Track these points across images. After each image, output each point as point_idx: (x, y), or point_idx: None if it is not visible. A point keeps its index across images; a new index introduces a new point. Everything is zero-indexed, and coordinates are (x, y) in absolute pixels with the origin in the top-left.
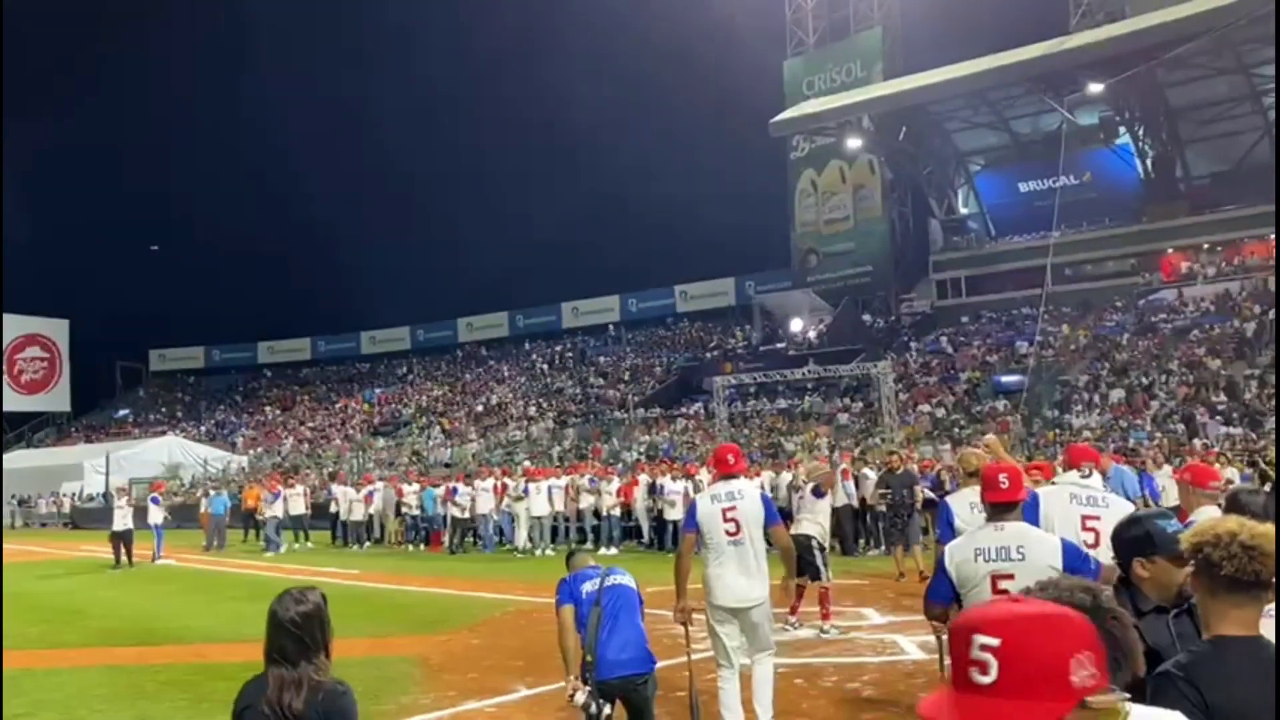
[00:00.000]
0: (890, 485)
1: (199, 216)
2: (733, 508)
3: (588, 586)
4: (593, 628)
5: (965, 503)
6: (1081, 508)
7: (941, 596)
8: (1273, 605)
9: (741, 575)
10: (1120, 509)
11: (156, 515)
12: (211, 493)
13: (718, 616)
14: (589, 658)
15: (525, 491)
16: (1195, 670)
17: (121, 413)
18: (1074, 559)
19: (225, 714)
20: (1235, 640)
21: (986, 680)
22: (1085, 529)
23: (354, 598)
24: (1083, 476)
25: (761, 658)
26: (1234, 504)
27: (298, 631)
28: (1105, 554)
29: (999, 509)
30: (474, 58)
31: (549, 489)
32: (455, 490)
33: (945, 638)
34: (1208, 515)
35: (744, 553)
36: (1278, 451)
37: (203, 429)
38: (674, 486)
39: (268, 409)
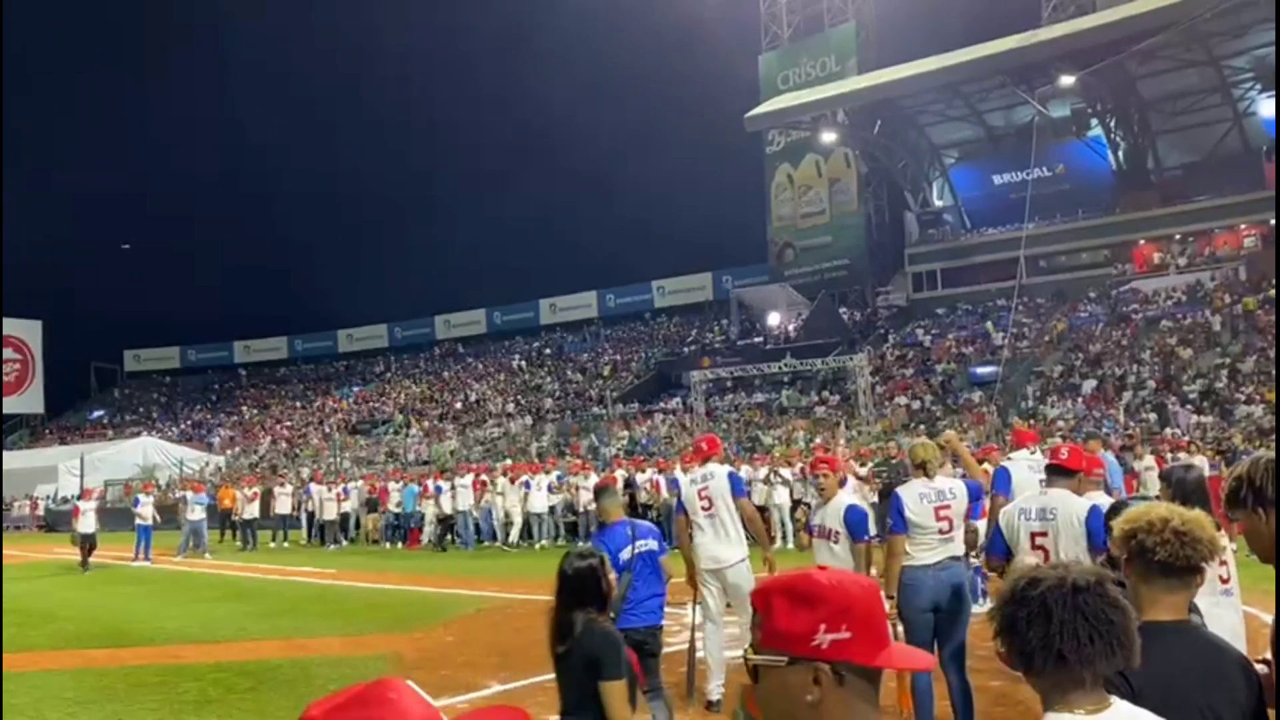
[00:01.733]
0: (888, 472)
1: (172, 215)
2: (705, 487)
3: (624, 554)
4: (622, 591)
5: (915, 493)
6: (1035, 473)
7: (998, 551)
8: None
9: (716, 542)
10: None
11: (146, 516)
12: (189, 494)
13: (702, 578)
14: (613, 615)
15: (527, 486)
16: None
17: (96, 414)
18: (1095, 520)
19: (198, 714)
20: (1167, 625)
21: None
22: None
23: (329, 596)
24: (1030, 454)
25: (745, 620)
26: (1172, 482)
27: (573, 583)
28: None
29: (1053, 472)
30: (453, 54)
31: (549, 485)
32: (440, 489)
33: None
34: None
35: (716, 523)
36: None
37: (179, 430)
38: (643, 476)
39: (244, 409)
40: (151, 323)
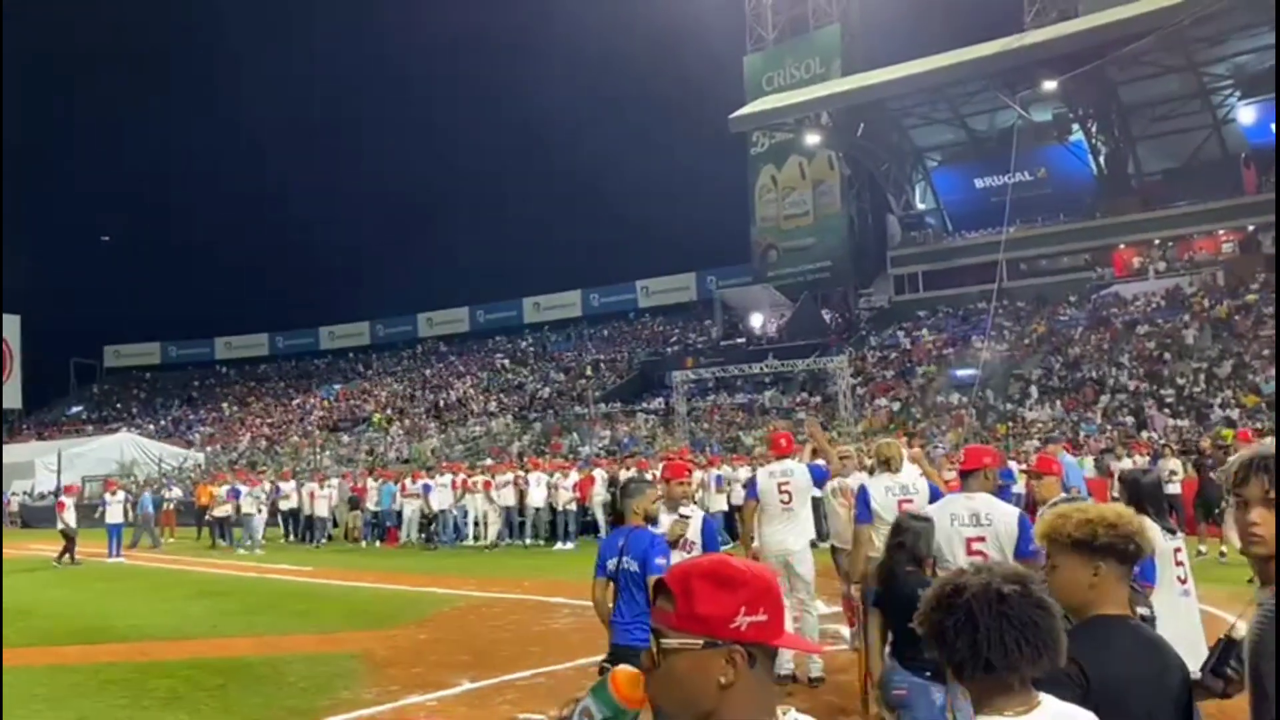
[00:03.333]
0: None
1: (153, 208)
2: (787, 481)
3: (610, 564)
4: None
5: (880, 487)
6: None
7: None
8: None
9: (788, 532)
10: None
11: (115, 514)
12: (148, 492)
13: (772, 567)
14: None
15: (537, 481)
16: (1077, 648)
17: (75, 409)
18: (1024, 530)
19: (166, 711)
20: (1114, 619)
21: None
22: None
23: (304, 594)
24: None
25: (806, 601)
26: (1127, 484)
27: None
28: None
29: (966, 477)
30: (440, 55)
31: (547, 483)
32: (428, 487)
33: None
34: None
35: (791, 515)
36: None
37: (159, 426)
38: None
39: (225, 405)
40: (132, 318)
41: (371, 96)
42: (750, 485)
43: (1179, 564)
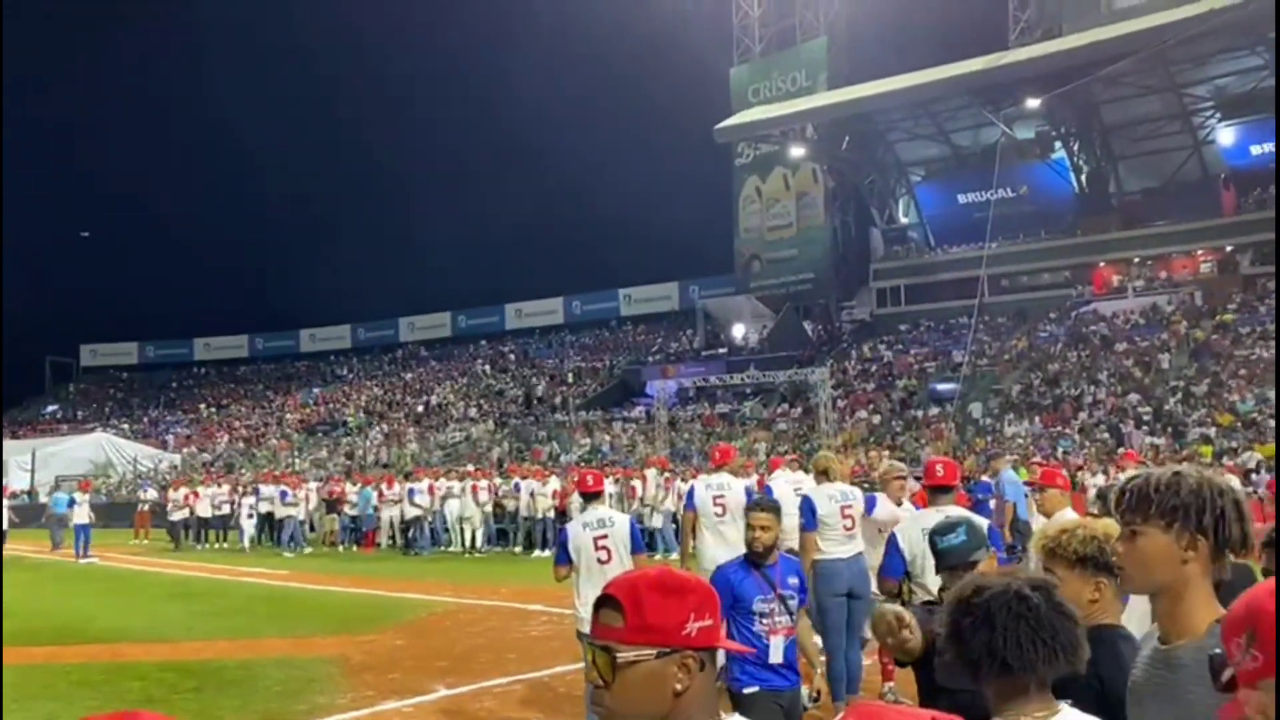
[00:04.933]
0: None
1: (134, 204)
2: (722, 495)
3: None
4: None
5: (824, 495)
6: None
7: (893, 572)
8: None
9: (719, 547)
10: None
11: (83, 514)
12: (61, 493)
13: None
14: None
15: (516, 489)
16: (1092, 657)
17: (50, 409)
18: (994, 540)
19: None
20: (1116, 630)
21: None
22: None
23: (279, 598)
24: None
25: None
26: (1106, 500)
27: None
28: None
29: (937, 492)
30: (424, 59)
31: (532, 490)
32: (413, 491)
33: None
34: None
35: (724, 528)
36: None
37: (135, 427)
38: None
39: (203, 407)
40: (110, 317)
41: (357, 99)
42: (689, 496)
43: None
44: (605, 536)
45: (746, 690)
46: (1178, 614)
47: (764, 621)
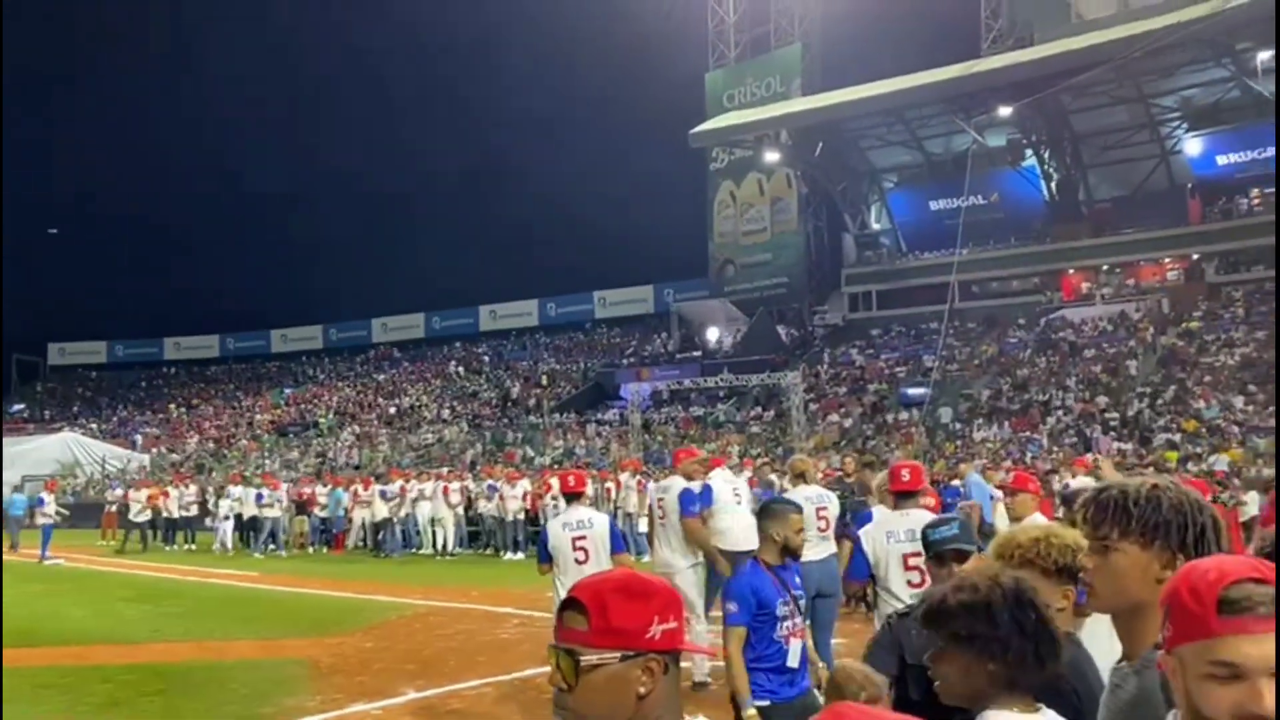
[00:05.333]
0: (851, 491)
1: (103, 200)
2: (661, 498)
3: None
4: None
5: (801, 498)
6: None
7: (858, 574)
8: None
9: (664, 548)
10: None
11: (50, 514)
12: (20, 494)
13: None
14: None
15: (491, 491)
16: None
17: (16, 408)
18: None
19: (104, 717)
20: (1073, 639)
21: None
22: None
23: (247, 599)
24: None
25: (690, 618)
26: (1071, 505)
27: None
28: None
29: (902, 497)
30: (404, 59)
31: (500, 492)
32: (384, 493)
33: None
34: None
35: (666, 530)
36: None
37: (103, 427)
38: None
39: (172, 407)
40: (78, 315)
41: (330, 97)
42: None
43: None
44: (584, 537)
45: (758, 703)
46: (1143, 632)
47: (784, 625)
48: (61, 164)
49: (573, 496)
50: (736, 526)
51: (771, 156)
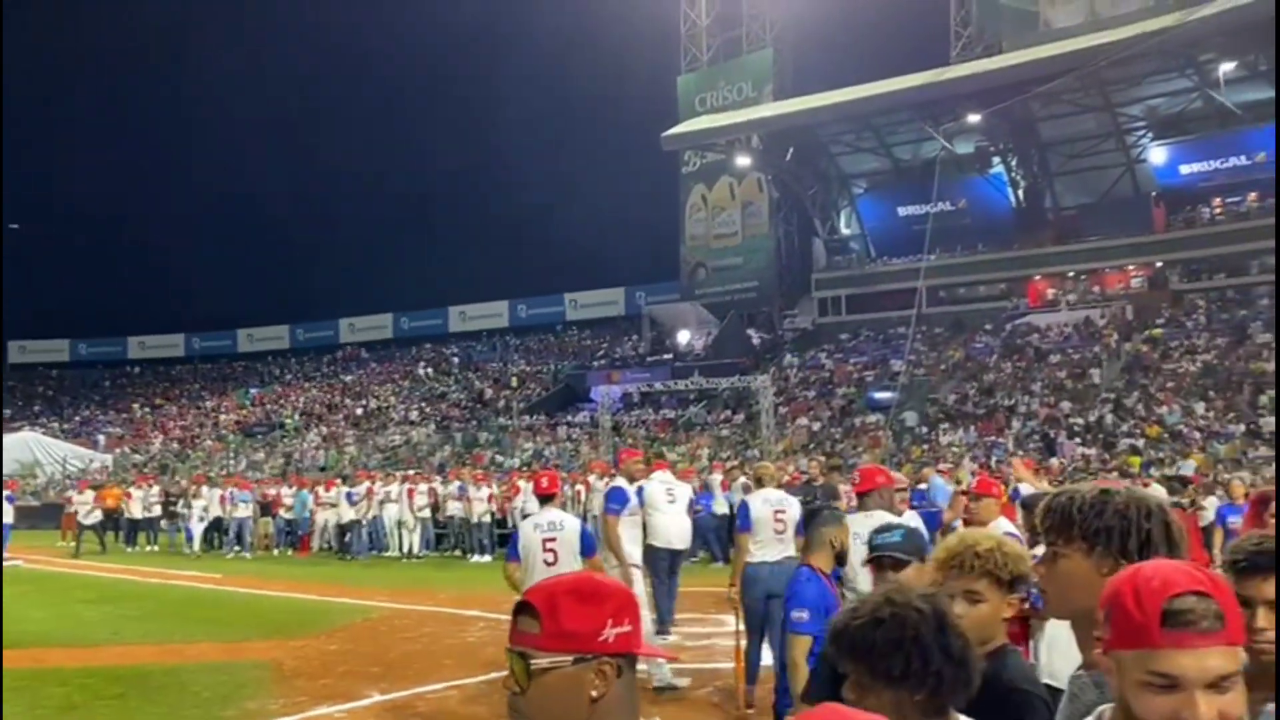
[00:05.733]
0: (814, 496)
1: (66, 196)
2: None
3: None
4: None
5: (759, 500)
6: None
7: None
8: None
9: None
10: None
11: (7, 515)
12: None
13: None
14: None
15: (460, 492)
16: (1026, 674)
17: None
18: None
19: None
20: (1012, 646)
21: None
22: None
23: (210, 601)
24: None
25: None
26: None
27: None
28: None
29: (867, 496)
30: (381, 63)
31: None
32: (350, 495)
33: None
34: (999, 524)
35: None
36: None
37: (64, 426)
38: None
39: (136, 406)
40: (39, 313)
41: (301, 97)
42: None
43: None
44: (554, 539)
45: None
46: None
47: None
48: (22, 158)
49: (546, 498)
50: (669, 526)
51: (743, 160)
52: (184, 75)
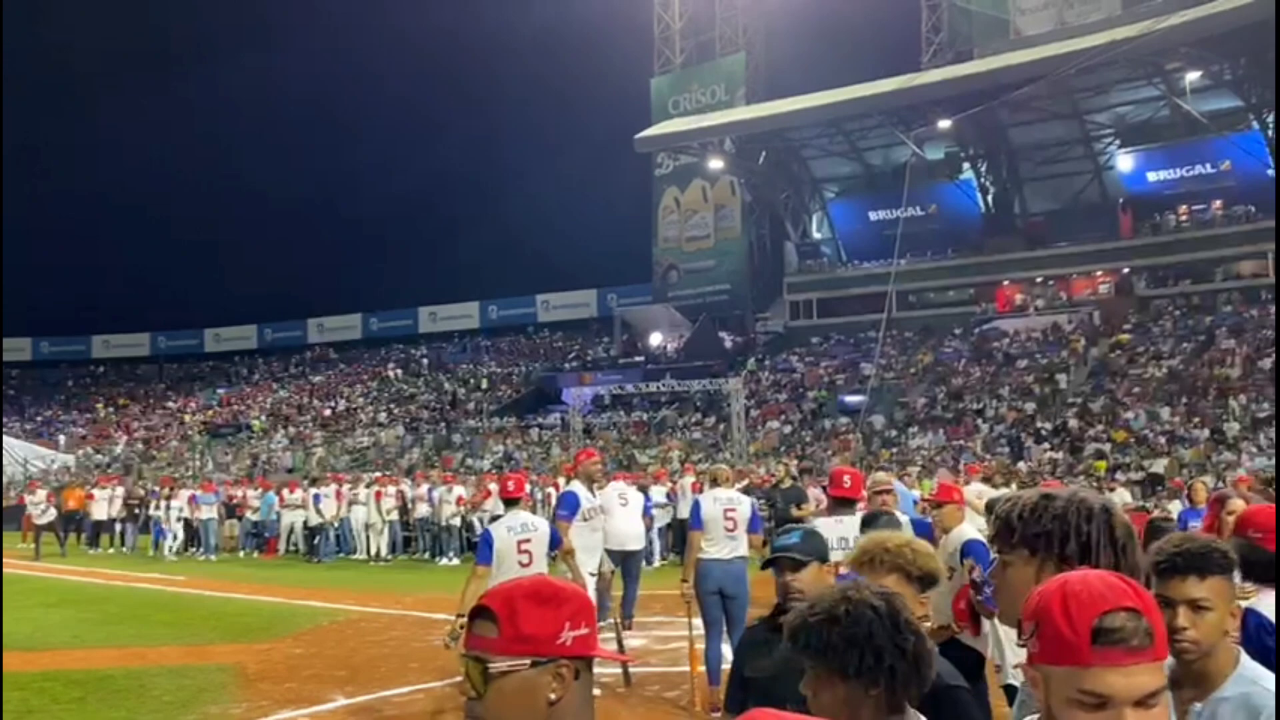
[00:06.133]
0: (775, 500)
1: (27, 187)
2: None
3: None
4: None
5: (710, 499)
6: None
7: None
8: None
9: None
10: None
11: None
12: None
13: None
14: None
15: (428, 494)
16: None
17: None
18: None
19: None
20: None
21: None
22: None
23: (172, 604)
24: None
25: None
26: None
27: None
28: None
29: (840, 504)
30: (346, 66)
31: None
32: (319, 497)
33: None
34: (963, 530)
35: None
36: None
37: (26, 426)
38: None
39: (99, 406)
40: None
41: (275, 96)
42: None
43: None
44: (528, 540)
45: None
46: None
47: None
48: None
49: (512, 501)
50: (622, 529)
51: (716, 164)
52: (160, 76)
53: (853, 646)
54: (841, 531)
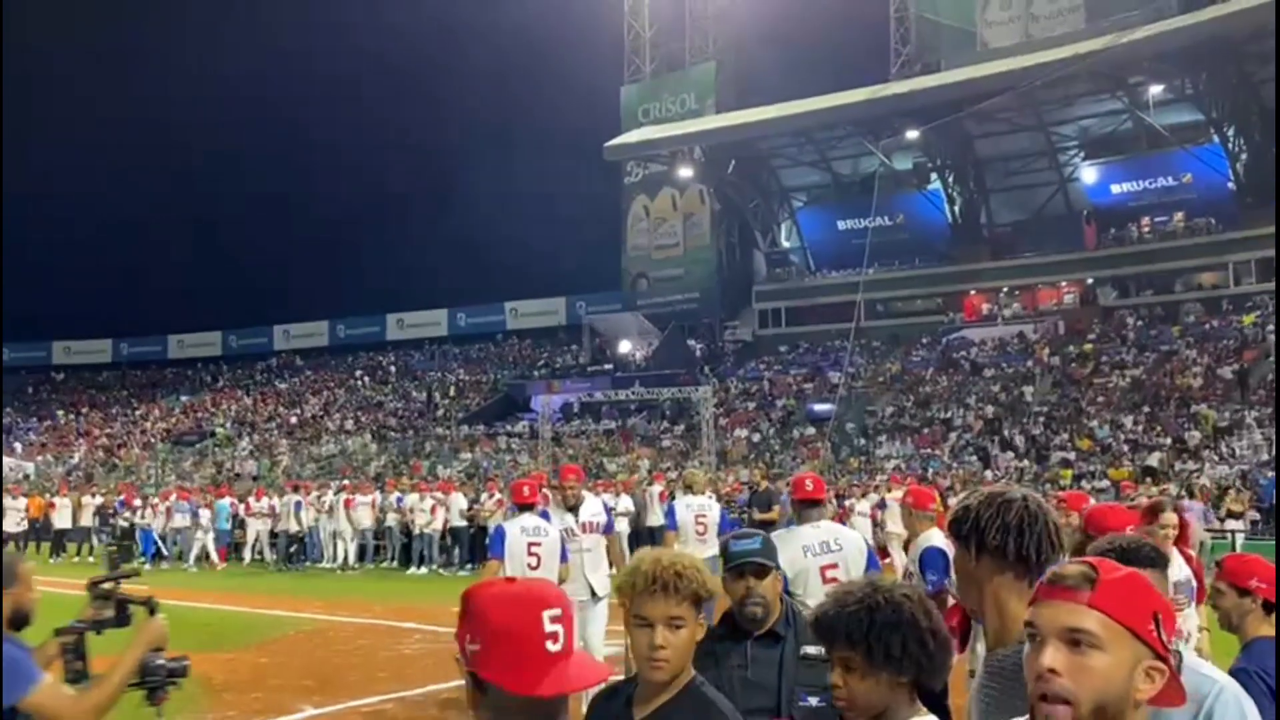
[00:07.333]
0: (752, 503)
1: None
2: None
3: None
4: None
5: (683, 504)
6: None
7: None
8: None
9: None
10: None
11: None
12: None
13: None
14: None
15: (399, 503)
16: None
17: None
18: (870, 554)
19: None
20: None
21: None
22: None
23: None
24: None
25: None
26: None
27: None
28: None
29: (807, 506)
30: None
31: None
32: (298, 505)
33: None
34: (929, 535)
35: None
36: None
37: None
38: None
39: (60, 413)
40: None
41: (240, 100)
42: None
43: None
44: (539, 544)
45: None
46: (996, 626)
47: None
48: None
49: (526, 506)
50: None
51: (685, 172)
52: (127, 76)
53: (894, 632)
54: (821, 536)
